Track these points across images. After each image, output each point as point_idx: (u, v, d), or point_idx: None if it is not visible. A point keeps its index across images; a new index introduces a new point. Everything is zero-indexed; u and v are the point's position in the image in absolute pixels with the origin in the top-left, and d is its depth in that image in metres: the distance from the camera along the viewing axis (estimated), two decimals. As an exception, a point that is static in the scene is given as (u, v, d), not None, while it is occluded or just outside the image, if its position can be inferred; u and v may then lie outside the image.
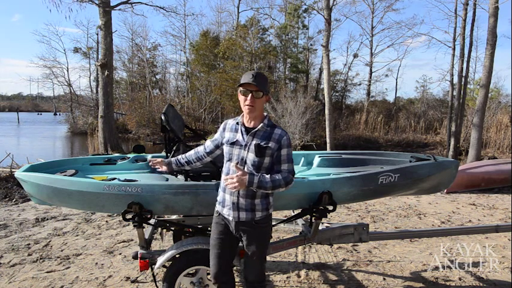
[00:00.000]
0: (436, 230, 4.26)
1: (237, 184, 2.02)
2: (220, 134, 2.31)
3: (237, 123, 2.23)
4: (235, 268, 3.12)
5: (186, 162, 2.46)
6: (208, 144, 2.40)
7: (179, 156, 2.50)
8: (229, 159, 2.20)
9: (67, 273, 3.65)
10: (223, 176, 2.19)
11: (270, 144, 2.11)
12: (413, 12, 47.93)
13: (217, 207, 2.29)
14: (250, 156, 2.11)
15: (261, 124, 2.14)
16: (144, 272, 3.53)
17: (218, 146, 2.35)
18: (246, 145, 2.14)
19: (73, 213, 5.74)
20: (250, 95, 2.08)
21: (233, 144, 2.19)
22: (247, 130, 2.17)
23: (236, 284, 2.54)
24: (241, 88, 2.12)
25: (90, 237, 4.76)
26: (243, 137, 2.16)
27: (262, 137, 2.13)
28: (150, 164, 2.55)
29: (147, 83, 27.17)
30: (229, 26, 27.35)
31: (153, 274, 2.83)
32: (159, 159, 2.52)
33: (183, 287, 2.62)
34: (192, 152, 2.48)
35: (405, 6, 61.13)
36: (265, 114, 2.21)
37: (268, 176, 2.07)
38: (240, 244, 2.30)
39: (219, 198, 2.29)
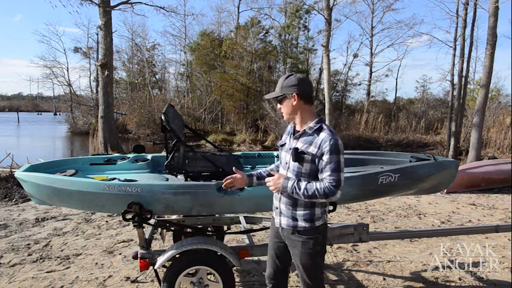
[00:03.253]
0: (436, 230, 4.27)
1: (273, 187, 1.98)
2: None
3: (290, 125, 2.14)
4: (235, 268, 3.13)
5: (268, 175, 2.22)
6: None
7: (259, 170, 2.29)
8: (281, 162, 2.14)
9: (67, 273, 3.65)
10: None
11: (309, 150, 1.93)
12: (413, 12, 47.91)
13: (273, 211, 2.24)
14: (291, 161, 2.00)
15: (306, 127, 1.99)
16: (144, 272, 3.53)
17: None
18: (290, 148, 2.02)
19: (73, 213, 5.74)
20: (277, 104, 2.08)
21: (282, 146, 2.14)
22: (295, 133, 2.06)
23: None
24: None
25: (90, 237, 4.76)
26: (289, 140, 2.08)
27: (306, 140, 1.97)
28: (223, 186, 2.23)
29: (146, 83, 27.17)
30: (230, 26, 27.38)
31: (156, 273, 2.83)
32: (237, 176, 2.18)
33: (183, 287, 2.62)
34: (272, 165, 2.35)
35: (405, 6, 61.13)
36: (317, 116, 2.03)
37: (304, 183, 1.90)
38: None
39: None
